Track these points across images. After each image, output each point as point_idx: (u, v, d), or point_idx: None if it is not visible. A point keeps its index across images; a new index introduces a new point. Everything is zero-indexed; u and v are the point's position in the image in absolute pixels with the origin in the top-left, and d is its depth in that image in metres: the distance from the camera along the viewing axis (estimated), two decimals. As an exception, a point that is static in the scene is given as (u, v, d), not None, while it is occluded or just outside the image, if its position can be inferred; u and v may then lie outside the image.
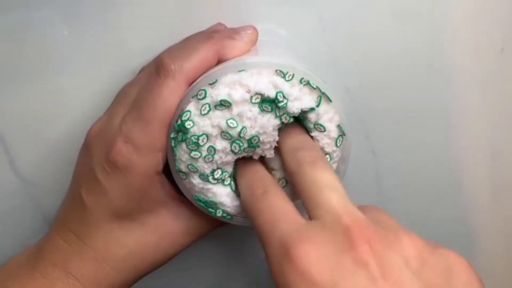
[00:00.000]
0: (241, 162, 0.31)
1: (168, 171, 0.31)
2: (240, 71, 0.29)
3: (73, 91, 0.35)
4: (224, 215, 0.32)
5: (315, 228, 0.24)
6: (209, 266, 0.42)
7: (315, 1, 0.35)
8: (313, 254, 0.23)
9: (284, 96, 0.28)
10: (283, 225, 0.25)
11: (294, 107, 0.29)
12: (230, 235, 0.40)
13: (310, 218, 0.26)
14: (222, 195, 0.31)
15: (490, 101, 0.39)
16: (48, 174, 0.37)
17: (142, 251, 0.32)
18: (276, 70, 0.29)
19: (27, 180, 0.37)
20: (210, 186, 0.31)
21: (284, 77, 0.29)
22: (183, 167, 0.30)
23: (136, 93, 0.31)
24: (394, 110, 0.38)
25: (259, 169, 0.30)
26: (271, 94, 0.28)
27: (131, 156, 0.29)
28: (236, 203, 0.31)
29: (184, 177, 0.31)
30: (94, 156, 0.30)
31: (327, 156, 0.31)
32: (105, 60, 0.34)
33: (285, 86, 0.29)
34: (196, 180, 0.30)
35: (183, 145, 0.29)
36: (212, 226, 0.33)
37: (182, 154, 0.29)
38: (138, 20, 0.34)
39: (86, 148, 0.31)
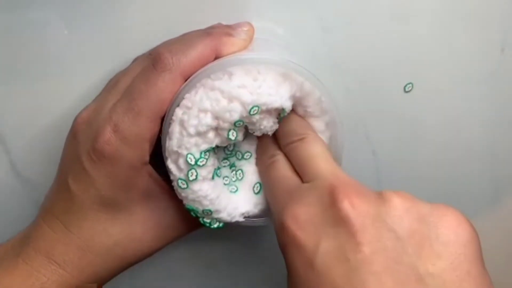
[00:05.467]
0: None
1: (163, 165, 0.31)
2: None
3: (74, 91, 0.35)
4: (220, 225, 0.32)
5: (305, 190, 0.27)
6: (197, 264, 0.42)
7: (315, 1, 0.35)
8: (300, 218, 0.25)
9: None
10: (281, 189, 0.29)
11: (277, 103, 0.29)
12: (222, 234, 0.39)
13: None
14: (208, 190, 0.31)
15: (490, 101, 0.39)
16: (48, 173, 0.36)
17: (128, 242, 0.31)
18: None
19: (27, 180, 0.37)
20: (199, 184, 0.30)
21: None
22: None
23: (128, 83, 0.30)
24: (394, 111, 0.38)
25: (267, 140, 0.33)
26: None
27: (118, 146, 0.29)
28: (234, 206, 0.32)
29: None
30: (80, 144, 0.30)
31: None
32: (105, 59, 0.35)
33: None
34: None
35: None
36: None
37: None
38: (137, 20, 0.34)
39: (73, 135, 0.31)
